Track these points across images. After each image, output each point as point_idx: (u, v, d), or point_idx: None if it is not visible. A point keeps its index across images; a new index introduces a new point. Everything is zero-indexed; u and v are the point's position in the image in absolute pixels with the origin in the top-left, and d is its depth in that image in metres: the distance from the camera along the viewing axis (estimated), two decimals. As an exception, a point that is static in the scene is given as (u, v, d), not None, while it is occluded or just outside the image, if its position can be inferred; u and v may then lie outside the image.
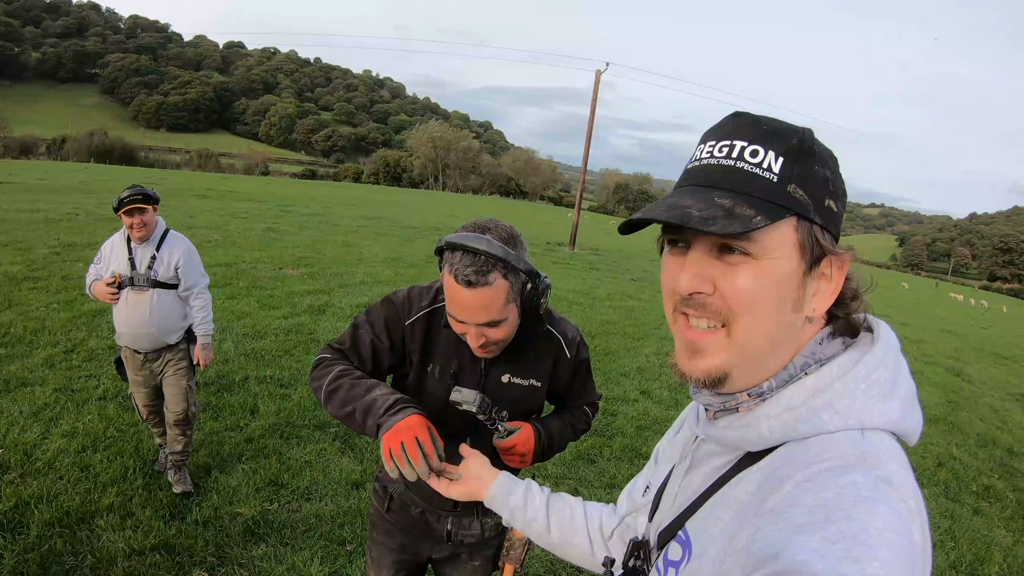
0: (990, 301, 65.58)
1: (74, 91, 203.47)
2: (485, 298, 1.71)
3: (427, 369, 2.00)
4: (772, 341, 0.87)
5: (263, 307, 9.20)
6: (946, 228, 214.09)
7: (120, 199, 4.02)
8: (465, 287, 1.68)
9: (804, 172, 0.85)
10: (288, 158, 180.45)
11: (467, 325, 1.77)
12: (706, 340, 0.88)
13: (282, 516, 4.11)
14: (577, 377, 2.15)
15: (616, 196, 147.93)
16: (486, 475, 1.50)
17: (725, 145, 0.87)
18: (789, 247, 0.84)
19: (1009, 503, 6.45)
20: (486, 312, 1.73)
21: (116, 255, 4.17)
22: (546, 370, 2.06)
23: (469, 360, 1.98)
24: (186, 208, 20.68)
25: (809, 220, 0.85)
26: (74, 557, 3.49)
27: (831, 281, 0.89)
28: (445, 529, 2.18)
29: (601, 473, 5.36)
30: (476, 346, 1.82)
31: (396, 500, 2.21)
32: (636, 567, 1.11)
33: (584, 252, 25.31)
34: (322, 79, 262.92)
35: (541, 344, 2.04)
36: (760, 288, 0.84)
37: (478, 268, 1.68)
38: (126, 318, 4.13)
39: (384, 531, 2.27)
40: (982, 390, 12.22)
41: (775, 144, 0.85)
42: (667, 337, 10.78)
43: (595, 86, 26.59)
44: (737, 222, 0.79)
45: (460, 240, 1.71)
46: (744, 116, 0.90)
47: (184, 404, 4.26)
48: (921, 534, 0.71)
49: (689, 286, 0.86)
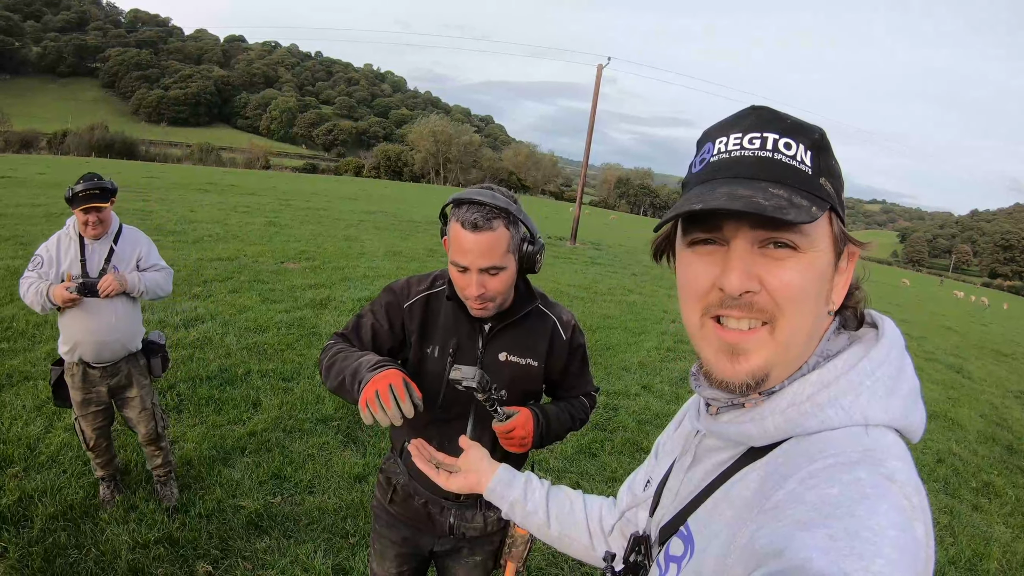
0: (991, 298, 65.56)
1: (74, 85, 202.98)
2: (489, 241, 1.83)
3: (426, 350, 2.07)
4: (809, 336, 0.87)
5: (265, 301, 9.21)
6: (947, 225, 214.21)
7: (74, 192, 3.60)
8: (471, 230, 1.81)
9: (828, 166, 0.86)
10: (289, 152, 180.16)
11: (469, 274, 1.87)
12: (749, 340, 0.86)
13: (285, 509, 4.12)
14: (573, 362, 2.21)
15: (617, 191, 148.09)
16: (485, 467, 1.50)
17: (756, 137, 0.86)
18: (827, 239, 0.85)
19: (1008, 499, 6.47)
20: (489, 256, 1.84)
21: (67, 255, 3.71)
22: (542, 350, 2.12)
23: (468, 338, 2.06)
24: (187, 202, 20.65)
25: (837, 213, 0.86)
26: (78, 550, 3.51)
27: (844, 272, 0.90)
28: (448, 522, 2.20)
29: (602, 467, 5.37)
30: (475, 295, 1.89)
31: (399, 491, 2.23)
32: (637, 562, 1.12)
33: (585, 247, 25.35)
34: (323, 73, 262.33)
35: (536, 324, 2.13)
36: (806, 281, 0.83)
37: (484, 215, 1.82)
38: (87, 326, 3.69)
39: (387, 523, 2.29)
40: (982, 387, 12.24)
41: (803, 138, 0.85)
42: (668, 332, 10.81)
43: (596, 81, 26.55)
44: (804, 212, 0.79)
45: (466, 195, 1.86)
46: (766, 110, 0.89)
47: (152, 422, 4.03)
48: (924, 531, 0.71)
49: (742, 285, 0.83)
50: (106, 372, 3.86)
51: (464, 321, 2.05)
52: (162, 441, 4.10)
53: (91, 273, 3.70)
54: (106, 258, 3.76)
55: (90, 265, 3.72)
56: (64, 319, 3.72)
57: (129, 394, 3.97)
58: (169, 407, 5.35)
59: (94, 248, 3.75)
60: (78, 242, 3.72)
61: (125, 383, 3.95)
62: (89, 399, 3.85)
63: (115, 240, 3.82)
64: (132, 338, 3.92)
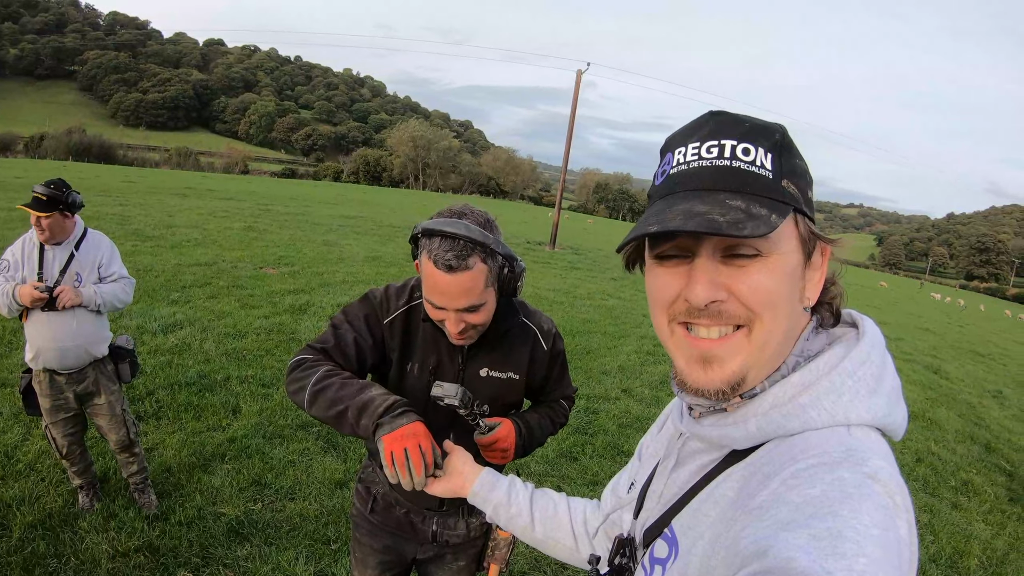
0: (967, 300, 66.27)
1: (52, 88, 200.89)
2: (465, 282, 1.70)
3: (406, 367, 2.00)
4: (786, 335, 0.88)
5: (244, 306, 9.16)
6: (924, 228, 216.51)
7: (33, 191, 3.58)
8: (446, 271, 1.68)
9: (791, 166, 0.86)
10: (268, 157, 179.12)
11: (446, 312, 1.76)
12: (722, 347, 0.86)
13: (266, 516, 4.10)
14: (554, 369, 2.17)
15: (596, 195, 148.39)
16: (469, 471, 1.49)
17: (714, 145, 0.86)
18: (794, 240, 0.86)
19: (987, 497, 6.57)
20: (467, 297, 1.73)
21: (28, 260, 3.67)
22: (523, 362, 2.07)
23: (447, 355, 2.00)
24: (165, 207, 20.50)
25: (803, 213, 0.86)
26: (57, 559, 3.48)
27: (818, 269, 0.90)
28: (430, 530, 2.18)
29: (584, 471, 5.39)
30: (455, 332, 1.81)
31: (380, 501, 2.20)
32: (622, 564, 1.11)
33: (564, 251, 25.36)
34: (302, 77, 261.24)
35: (517, 336, 2.06)
36: (775, 284, 0.84)
37: (458, 253, 1.67)
38: (50, 333, 3.65)
39: (367, 532, 2.25)
40: (960, 387, 12.40)
41: (762, 141, 0.85)
42: (647, 336, 10.85)
43: (576, 86, 26.63)
44: (761, 223, 0.79)
45: (438, 226, 1.69)
46: (724, 115, 0.89)
47: (123, 429, 3.98)
48: (907, 530, 0.72)
49: (707, 295, 0.84)
50: (72, 378, 3.81)
51: (443, 338, 1.97)
52: (135, 448, 4.06)
53: (47, 278, 3.66)
54: (65, 264, 3.71)
55: (47, 272, 3.67)
56: (28, 326, 3.68)
57: (98, 401, 3.92)
58: (147, 413, 5.31)
59: (54, 254, 3.70)
60: (38, 247, 3.68)
61: (93, 389, 3.89)
62: (58, 406, 3.81)
63: (77, 246, 3.77)
64: (96, 344, 3.87)
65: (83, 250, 3.79)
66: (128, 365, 4.08)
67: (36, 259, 3.66)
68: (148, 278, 9.51)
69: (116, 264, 3.94)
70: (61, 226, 3.66)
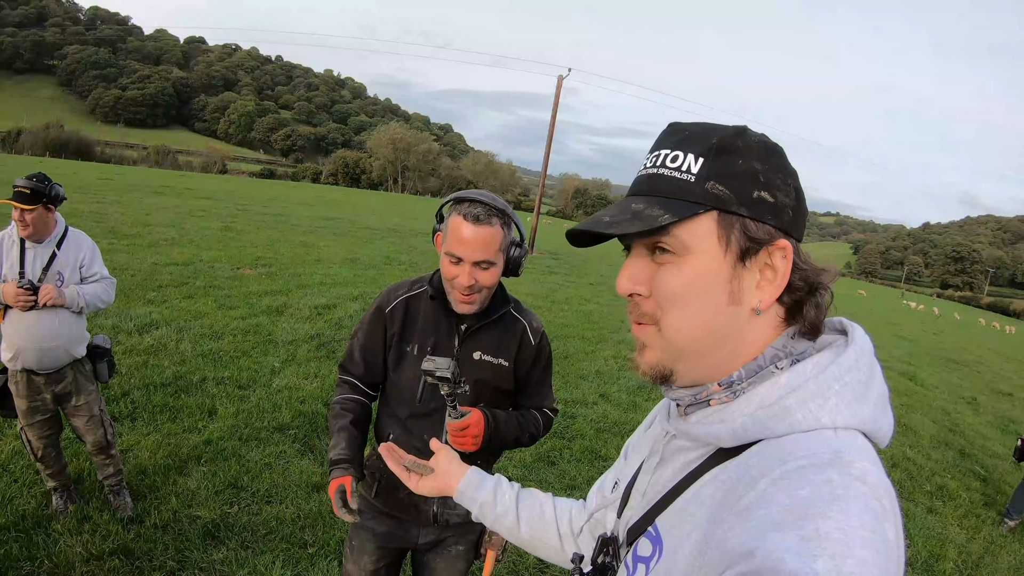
0: (943, 308, 66.99)
1: (31, 82, 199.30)
2: (486, 236, 2.00)
3: (406, 348, 2.22)
4: (709, 334, 0.89)
5: (221, 307, 9.11)
6: (900, 237, 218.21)
7: (13, 185, 3.51)
8: (472, 222, 1.98)
9: (724, 168, 0.87)
10: (247, 156, 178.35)
11: (463, 265, 2.02)
12: (643, 334, 0.94)
13: (242, 519, 4.07)
14: (537, 367, 2.35)
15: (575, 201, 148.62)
16: (455, 470, 1.49)
17: (654, 155, 0.93)
18: (710, 241, 0.87)
19: (962, 502, 6.67)
20: (484, 250, 2.00)
21: (8, 257, 3.61)
22: (512, 351, 2.26)
23: (446, 337, 2.21)
24: (142, 205, 20.34)
25: (732, 213, 0.87)
26: (31, 562, 3.44)
27: (774, 269, 0.89)
28: (431, 510, 2.31)
29: (562, 475, 5.40)
30: (466, 285, 2.03)
31: (384, 484, 2.33)
32: (605, 563, 1.10)
33: (543, 256, 25.40)
34: (283, 77, 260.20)
35: (509, 326, 2.28)
36: (683, 283, 0.88)
37: (485, 211, 2.00)
38: (30, 333, 3.59)
39: (371, 517, 2.38)
40: (934, 394, 12.57)
41: (695, 147, 0.89)
42: (624, 341, 10.91)
43: (557, 91, 26.73)
44: (640, 222, 0.85)
45: (469, 194, 2.05)
46: (674, 125, 0.95)
47: (100, 430, 3.94)
48: (895, 532, 0.72)
49: (622, 287, 0.93)
50: (51, 379, 3.76)
51: (443, 320, 2.20)
52: (111, 449, 4.02)
53: (27, 276, 3.60)
54: (47, 263, 3.65)
55: (29, 270, 3.61)
56: (6, 326, 3.63)
57: (76, 402, 3.87)
58: (123, 415, 5.25)
59: (36, 252, 3.64)
60: (19, 246, 3.61)
61: (71, 390, 3.84)
62: (35, 407, 3.76)
63: (58, 244, 3.71)
64: (76, 344, 3.82)
65: (65, 249, 3.73)
66: (106, 364, 4.03)
67: (16, 257, 3.59)
68: (124, 277, 9.41)
69: (97, 264, 3.89)
70: (44, 221, 3.59)
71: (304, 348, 7.74)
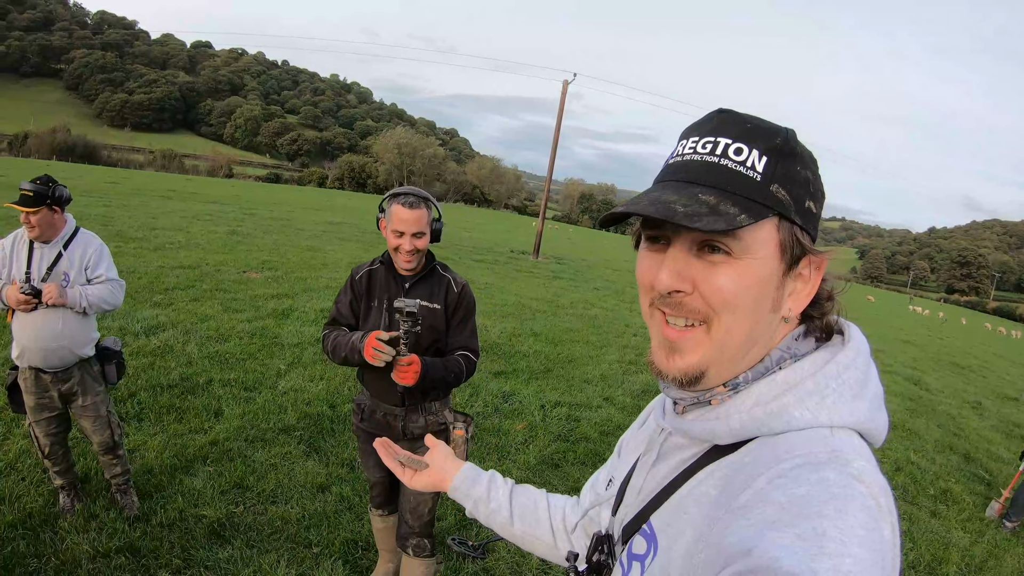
0: (949, 314, 66.81)
1: (38, 86, 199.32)
2: (418, 215, 2.91)
3: (372, 304, 3.12)
4: (750, 340, 0.88)
5: (227, 310, 9.15)
6: (905, 241, 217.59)
7: (20, 188, 3.58)
8: (408, 208, 2.89)
9: (787, 172, 0.85)
10: (253, 161, 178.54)
11: (404, 237, 2.91)
12: (684, 338, 0.88)
13: (248, 519, 4.10)
14: (460, 309, 3.15)
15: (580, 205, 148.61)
16: (449, 466, 1.48)
17: (709, 142, 0.87)
18: (771, 247, 0.85)
19: (966, 506, 6.66)
20: (417, 224, 2.91)
21: (17, 257, 3.67)
22: (441, 297, 3.11)
23: (395, 292, 3.07)
24: (149, 209, 20.41)
25: (790, 221, 0.85)
26: (37, 559, 3.47)
27: (808, 282, 0.90)
28: (399, 425, 3.16)
29: (565, 477, 5.42)
30: (408, 250, 2.93)
31: (366, 411, 3.25)
32: (600, 561, 1.10)
33: (548, 261, 25.38)
34: (289, 82, 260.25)
35: (438, 280, 3.14)
36: (740, 288, 0.84)
37: (415, 200, 2.93)
38: (34, 333, 3.64)
39: (364, 440, 3.29)
40: (939, 398, 12.52)
41: (759, 143, 0.85)
42: (629, 345, 10.89)
43: (562, 96, 26.71)
44: (722, 220, 0.79)
45: (402, 189, 2.99)
46: (729, 113, 0.89)
47: (108, 431, 3.97)
48: (891, 532, 0.72)
49: (669, 284, 0.86)
50: (57, 377, 3.79)
51: (392, 281, 3.10)
52: (119, 449, 4.05)
53: (34, 277, 3.64)
54: (52, 263, 3.69)
55: (35, 270, 3.66)
56: (14, 324, 3.68)
57: (82, 402, 3.89)
58: (129, 415, 5.29)
59: (43, 253, 3.68)
60: (28, 245, 3.67)
61: (77, 389, 3.87)
62: (42, 404, 3.80)
63: (66, 245, 3.76)
64: (82, 345, 3.85)
65: (71, 249, 3.77)
66: (114, 367, 4.07)
67: (24, 257, 3.65)
68: (131, 280, 9.41)
69: (104, 266, 3.90)
70: (50, 222, 3.64)
71: (310, 351, 7.76)
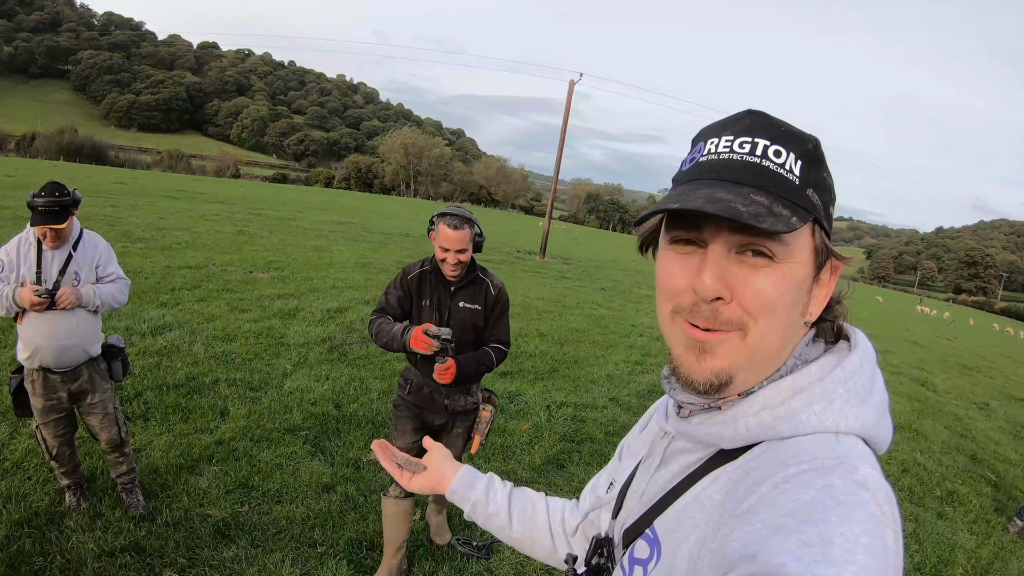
0: (956, 314, 66.60)
1: (45, 87, 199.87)
2: (461, 236, 3.36)
3: (423, 303, 3.58)
4: (782, 345, 0.87)
5: (233, 310, 9.18)
6: (913, 242, 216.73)
7: (34, 205, 3.56)
8: (453, 230, 3.33)
9: (818, 178, 0.85)
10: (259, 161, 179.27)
11: (449, 252, 3.38)
12: (717, 340, 0.86)
13: (253, 518, 4.11)
14: (495, 309, 3.65)
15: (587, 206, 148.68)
16: (448, 469, 1.47)
17: (746, 142, 0.85)
18: (807, 251, 0.85)
19: (973, 507, 6.62)
20: (461, 242, 3.37)
21: (26, 261, 3.66)
22: (481, 299, 3.60)
23: (445, 294, 3.55)
24: (156, 209, 20.47)
25: (821, 225, 0.86)
26: (43, 558, 3.48)
27: (826, 286, 0.90)
28: (443, 402, 3.68)
29: (570, 477, 5.42)
30: (452, 263, 3.41)
31: (414, 385, 3.70)
32: (600, 564, 1.10)
33: (554, 261, 25.43)
34: (296, 82, 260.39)
35: (480, 284, 3.63)
36: (781, 291, 0.83)
37: (460, 220, 3.38)
38: (49, 331, 3.65)
39: (406, 407, 3.72)
40: (946, 399, 12.47)
41: (795, 147, 0.84)
42: (636, 346, 10.89)
43: (569, 96, 26.72)
44: (781, 222, 0.78)
45: (449, 210, 3.43)
46: (761, 115, 0.88)
47: (115, 428, 3.99)
48: (894, 539, 0.71)
49: (715, 287, 0.83)
50: (66, 377, 3.81)
51: (441, 284, 3.56)
52: (125, 447, 4.07)
53: (46, 281, 3.66)
54: (63, 265, 3.72)
55: (46, 273, 3.67)
56: (24, 325, 3.68)
57: (91, 400, 3.92)
58: (135, 415, 5.30)
59: (53, 255, 3.71)
60: (36, 248, 3.68)
61: (86, 388, 3.90)
62: (51, 406, 3.81)
63: (74, 247, 3.79)
64: (92, 343, 3.89)
65: (81, 250, 3.80)
66: (120, 363, 4.10)
67: (34, 259, 3.66)
68: (138, 280, 9.47)
69: (113, 265, 3.96)
70: (69, 231, 3.71)
71: (316, 351, 7.78)
